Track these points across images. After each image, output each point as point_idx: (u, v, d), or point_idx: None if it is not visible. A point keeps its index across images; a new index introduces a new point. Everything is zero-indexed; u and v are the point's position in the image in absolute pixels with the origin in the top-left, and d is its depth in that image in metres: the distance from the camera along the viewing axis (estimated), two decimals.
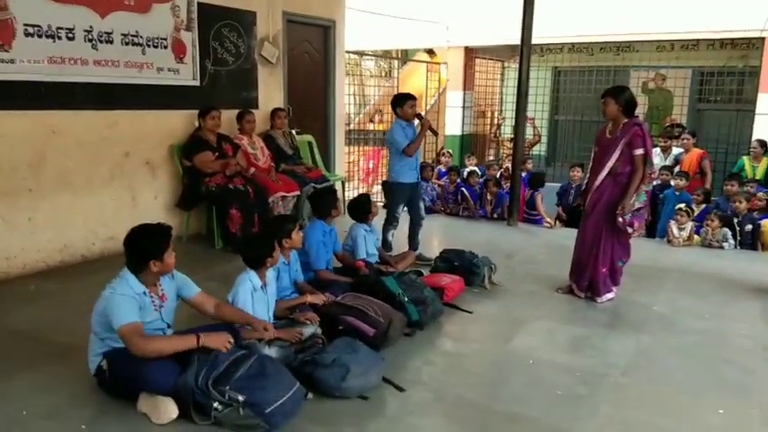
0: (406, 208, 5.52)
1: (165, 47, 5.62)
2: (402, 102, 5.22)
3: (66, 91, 4.91)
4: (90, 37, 4.99)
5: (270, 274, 3.49)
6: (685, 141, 7.85)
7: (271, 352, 3.17)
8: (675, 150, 8.06)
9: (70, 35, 4.86)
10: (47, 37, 4.71)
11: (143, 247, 2.86)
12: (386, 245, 5.47)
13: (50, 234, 4.97)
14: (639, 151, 4.33)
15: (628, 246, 4.65)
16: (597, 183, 4.51)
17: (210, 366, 2.75)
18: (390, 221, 5.46)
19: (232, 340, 2.84)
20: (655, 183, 5.76)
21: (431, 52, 12.67)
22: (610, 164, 4.42)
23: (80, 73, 4.96)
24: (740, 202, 6.61)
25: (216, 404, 2.65)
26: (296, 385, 2.81)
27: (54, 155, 4.91)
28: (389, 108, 5.57)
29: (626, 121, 4.38)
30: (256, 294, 3.33)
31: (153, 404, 2.73)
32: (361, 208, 4.74)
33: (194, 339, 2.78)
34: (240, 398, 2.63)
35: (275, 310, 3.55)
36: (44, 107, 4.80)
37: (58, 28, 4.77)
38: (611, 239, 4.54)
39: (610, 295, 4.61)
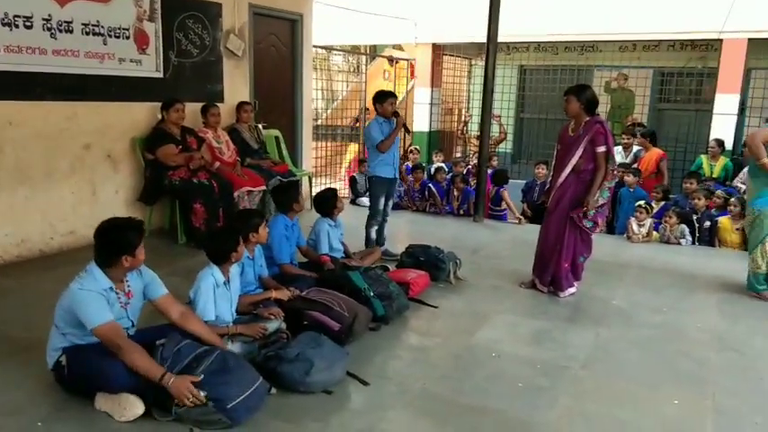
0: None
1: (128, 37, 5.51)
2: (383, 99, 5.33)
3: (23, 81, 4.78)
4: (49, 26, 4.86)
5: (233, 269, 3.45)
6: (640, 140, 8.06)
7: (234, 347, 3.15)
8: (636, 148, 8.24)
9: (28, 23, 4.73)
10: (3, 25, 4.58)
11: (114, 241, 2.78)
12: (368, 241, 5.49)
13: (7, 228, 4.83)
14: (602, 149, 4.41)
15: (589, 242, 4.74)
16: (561, 180, 4.58)
17: (173, 361, 2.72)
18: (374, 216, 5.49)
19: (196, 393, 2.61)
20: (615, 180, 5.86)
21: (391, 60, 12.63)
22: (573, 161, 4.50)
23: (38, 63, 4.84)
24: (699, 200, 6.79)
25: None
26: (259, 380, 2.80)
27: (11, 147, 4.77)
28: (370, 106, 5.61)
29: (588, 119, 4.46)
30: (219, 290, 3.29)
31: (116, 401, 2.68)
32: (326, 203, 4.73)
33: (159, 373, 2.65)
34: (202, 393, 2.61)
35: (239, 305, 3.52)
36: (0, 97, 4.65)
37: (15, 16, 4.64)
38: (574, 236, 4.62)
39: (572, 290, 4.70)
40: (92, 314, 2.68)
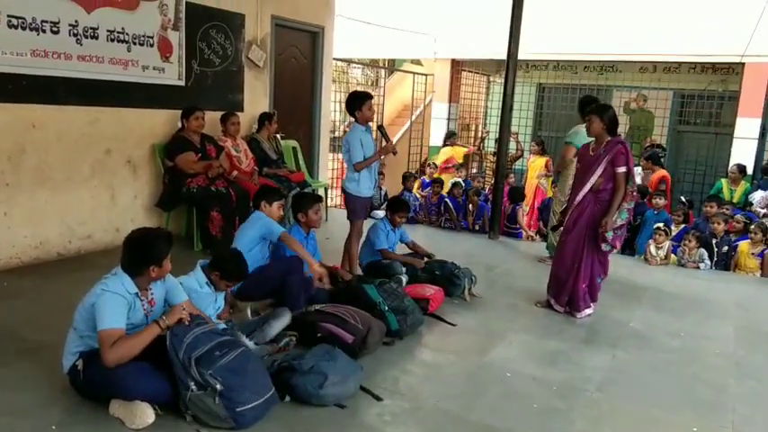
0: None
1: (152, 45, 5.57)
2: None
3: (48, 85, 4.84)
4: (75, 31, 4.93)
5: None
6: (644, 164, 8.03)
7: (249, 345, 3.16)
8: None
9: (55, 29, 4.79)
10: (31, 29, 4.64)
11: (144, 251, 2.80)
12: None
13: (26, 230, 4.87)
14: (622, 169, 4.37)
15: (606, 262, 4.70)
16: (578, 199, 4.55)
17: (191, 344, 2.71)
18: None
19: (188, 311, 2.81)
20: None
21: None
22: (592, 180, 4.46)
23: (63, 67, 4.89)
24: (719, 224, 6.71)
25: (193, 384, 2.64)
26: (272, 390, 2.81)
27: (33, 149, 4.83)
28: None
29: (609, 139, 4.43)
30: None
31: (129, 409, 2.68)
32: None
33: (156, 326, 2.75)
34: (218, 386, 2.62)
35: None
36: (25, 100, 4.72)
37: (43, 21, 4.71)
38: (592, 256, 4.57)
39: (589, 311, 4.64)
40: (106, 316, 2.68)
